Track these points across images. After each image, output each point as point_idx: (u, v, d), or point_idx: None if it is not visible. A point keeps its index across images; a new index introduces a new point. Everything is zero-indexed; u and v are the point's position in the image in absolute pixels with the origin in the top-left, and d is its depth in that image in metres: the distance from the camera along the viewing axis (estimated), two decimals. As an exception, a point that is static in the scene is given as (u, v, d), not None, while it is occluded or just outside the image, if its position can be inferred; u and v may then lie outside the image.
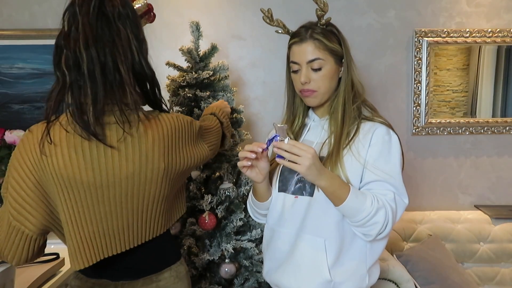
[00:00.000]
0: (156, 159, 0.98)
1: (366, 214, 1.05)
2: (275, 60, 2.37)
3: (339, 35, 1.19)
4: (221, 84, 1.79)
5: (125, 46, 0.92)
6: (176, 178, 1.07)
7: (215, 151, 1.32)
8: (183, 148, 1.06)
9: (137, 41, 0.96)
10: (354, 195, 1.05)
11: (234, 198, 1.75)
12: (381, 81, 2.38)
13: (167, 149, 0.99)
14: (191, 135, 1.10)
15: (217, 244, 1.73)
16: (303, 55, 1.16)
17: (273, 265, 1.25)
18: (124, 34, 0.93)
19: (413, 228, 2.30)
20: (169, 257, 1.16)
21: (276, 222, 1.24)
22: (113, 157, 0.94)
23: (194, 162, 1.12)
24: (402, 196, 1.12)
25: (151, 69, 1.01)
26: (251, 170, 1.15)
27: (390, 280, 1.83)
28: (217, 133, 1.34)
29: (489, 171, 2.48)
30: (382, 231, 1.08)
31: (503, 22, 2.39)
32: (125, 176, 0.96)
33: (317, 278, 1.14)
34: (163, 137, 0.99)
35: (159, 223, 1.08)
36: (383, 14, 2.36)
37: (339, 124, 1.16)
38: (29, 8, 2.21)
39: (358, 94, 1.20)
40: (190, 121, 1.11)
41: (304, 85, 1.18)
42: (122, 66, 0.91)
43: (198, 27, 1.75)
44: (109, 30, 0.91)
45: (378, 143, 1.13)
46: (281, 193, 1.23)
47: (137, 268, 1.10)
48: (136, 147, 0.95)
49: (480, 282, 2.24)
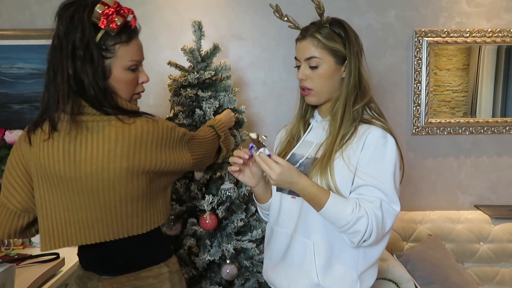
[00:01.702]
0: (118, 158, 1.01)
1: (346, 222, 1.03)
2: (275, 60, 2.37)
3: (346, 35, 1.16)
4: (223, 84, 1.78)
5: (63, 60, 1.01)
6: (148, 180, 1.08)
7: (203, 162, 1.31)
8: (155, 151, 1.07)
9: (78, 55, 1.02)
10: (333, 202, 1.04)
11: (235, 198, 1.75)
12: (381, 81, 2.38)
13: (132, 150, 1.02)
14: (169, 141, 1.10)
15: (217, 244, 1.73)
16: (302, 52, 1.17)
17: (270, 264, 1.26)
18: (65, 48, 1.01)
19: (413, 228, 2.31)
20: (150, 258, 1.17)
21: (274, 222, 1.26)
22: (81, 153, 1.02)
23: (169, 167, 1.11)
24: (392, 204, 1.08)
25: (89, 78, 1.03)
26: (243, 175, 1.19)
27: (390, 280, 1.83)
28: (209, 145, 1.33)
29: (489, 171, 2.48)
30: (366, 239, 1.05)
31: (503, 22, 2.39)
32: (90, 172, 1.02)
33: (305, 280, 1.14)
34: (128, 138, 1.02)
35: (134, 222, 1.10)
36: (383, 14, 2.36)
37: (337, 126, 1.15)
38: (29, 8, 2.21)
39: (362, 97, 1.17)
40: (171, 127, 1.11)
41: (301, 82, 1.19)
42: (59, 76, 1.01)
43: (200, 27, 1.75)
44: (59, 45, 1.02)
45: (370, 146, 1.10)
46: (279, 192, 1.24)
47: (117, 265, 1.15)
48: (100, 146, 1.01)
49: (480, 282, 2.25)
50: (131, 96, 1.13)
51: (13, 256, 1.82)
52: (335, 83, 1.18)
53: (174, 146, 1.12)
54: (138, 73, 1.12)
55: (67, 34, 0.99)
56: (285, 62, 2.37)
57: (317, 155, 1.17)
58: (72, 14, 1.00)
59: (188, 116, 1.74)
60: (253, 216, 1.82)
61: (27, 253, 1.83)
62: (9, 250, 1.89)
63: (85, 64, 1.00)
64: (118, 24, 1.02)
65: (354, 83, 1.16)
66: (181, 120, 1.72)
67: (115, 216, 1.07)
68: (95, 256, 1.16)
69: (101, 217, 1.06)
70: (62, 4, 1.02)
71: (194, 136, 1.24)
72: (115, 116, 1.02)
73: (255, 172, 1.20)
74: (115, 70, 1.05)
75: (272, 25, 2.33)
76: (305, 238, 1.15)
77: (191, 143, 1.20)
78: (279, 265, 1.22)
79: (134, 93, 1.13)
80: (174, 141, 1.12)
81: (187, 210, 1.76)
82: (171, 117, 1.78)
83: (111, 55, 1.04)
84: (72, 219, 1.06)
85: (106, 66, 1.04)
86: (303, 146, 1.23)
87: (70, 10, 1.00)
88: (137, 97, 1.16)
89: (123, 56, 1.06)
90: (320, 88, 1.17)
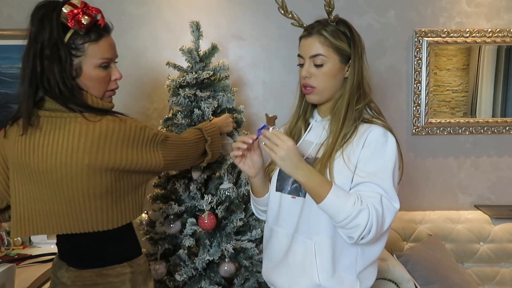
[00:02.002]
0: (80, 154, 1.05)
1: (347, 215, 1.01)
2: (275, 60, 2.37)
3: (351, 35, 1.16)
4: (221, 84, 1.78)
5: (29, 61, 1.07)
6: (114, 177, 1.10)
7: (179, 164, 1.32)
8: (120, 149, 1.08)
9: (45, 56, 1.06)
10: (335, 194, 1.04)
11: (234, 198, 1.75)
12: (381, 81, 2.38)
13: (94, 147, 1.05)
14: (136, 140, 1.11)
15: (217, 244, 1.73)
16: (307, 49, 1.16)
17: (270, 264, 1.26)
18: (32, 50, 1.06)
19: (413, 228, 2.30)
20: (114, 257, 1.19)
21: (274, 222, 1.25)
22: (48, 147, 1.07)
23: (137, 166, 1.12)
24: (392, 200, 1.06)
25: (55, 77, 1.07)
26: (244, 163, 1.19)
27: (390, 280, 1.83)
28: (188, 147, 1.33)
29: (489, 171, 2.48)
30: (365, 235, 1.03)
31: (503, 22, 2.39)
32: (54, 166, 1.06)
33: (307, 281, 1.14)
34: (92, 135, 1.05)
35: (99, 218, 1.12)
36: (383, 14, 2.36)
37: (339, 125, 1.14)
38: (29, 8, 2.20)
39: (364, 97, 1.17)
40: (140, 127, 1.12)
41: (305, 80, 1.17)
42: (27, 75, 1.07)
43: (198, 27, 1.75)
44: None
45: (371, 144, 1.09)
46: (278, 192, 1.23)
47: (82, 259, 1.18)
48: (64, 142, 1.06)
49: (480, 282, 2.24)
50: (104, 93, 1.16)
51: (13, 256, 1.82)
52: (338, 83, 1.18)
53: (142, 146, 1.13)
54: (110, 70, 1.16)
55: (37, 34, 1.05)
56: (285, 62, 2.37)
57: (317, 155, 1.16)
58: (42, 16, 1.05)
59: (186, 116, 1.74)
60: (253, 215, 1.82)
61: (27, 253, 1.84)
62: (9, 250, 1.89)
63: (52, 63, 1.05)
64: (85, 23, 1.06)
65: (358, 83, 1.16)
66: (180, 120, 1.72)
67: (79, 210, 1.10)
68: (65, 247, 1.22)
69: (67, 210, 1.10)
70: (35, 6, 1.08)
71: (169, 137, 1.24)
72: (81, 114, 1.07)
73: (256, 161, 1.20)
74: (85, 68, 1.10)
75: (272, 25, 2.33)
76: (306, 239, 1.15)
77: (164, 144, 1.20)
78: (280, 266, 1.21)
79: (106, 90, 1.17)
80: (143, 141, 1.13)
81: (186, 210, 1.76)
82: (170, 117, 1.78)
83: (81, 53, 1.08)
84: (40, 209, 1.12)
85: (77, 65, 1.09)
86: (304, 146, 1.23)
87: (40, 11, 1.06)
88: (110, 93, 1.19)
89: (93, 54, 1.10)
90: (324, 86, 1.16)
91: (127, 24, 2.27)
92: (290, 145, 1.04)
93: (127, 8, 2.28)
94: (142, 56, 2.30)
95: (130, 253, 1.23)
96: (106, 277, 1.16)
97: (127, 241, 1.24)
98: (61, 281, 1.19)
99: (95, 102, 1.12)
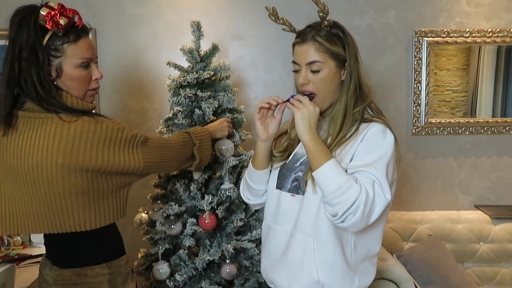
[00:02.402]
0: (55, 154, 1.06)
1: (338, 186, 1.01)
2: (275, 60, 2.37)
3: (345, 38, 1.16)
4: (222, 84, 1.78)
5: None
6: (89, 178, 1.10)
7: (162, 167, 1.31)
8: (95, 150, 1.09)
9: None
10: (334, 165, 1.05)
11: (234, 198, 1.75)
12: (381, 81, 2.38)
13: (69, 147, 1.06)
14: (112, 141, 1.11)
15: (217, 244, 1.73)
16: (303, 57, 1.16)
17: (269, 262, 1.26)
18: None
19: (413, 228, 2.30)
20: (93, 257, 1.19)
21: (272, 219, 1.25)
22: (26, 146, 1.09)
23: (113, 168, 1.12)
24: (384, 191, 1.04)
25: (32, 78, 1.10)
26: (261, 122, 1.21)
27: (390, 280, 1.83)
28: (172, 150, 1.31)
29: (489, 171, 2.48)
30: (350, 214, 1.00)
31: (503, 22, 2.39)
32: (31, 165, 1.08)
33: (306, 278, 1.15)
34: (66, 136, 1.06)
35: (76, 219, 1.13)
36: (383, 14, 2.36)
37: (337, 127, 1.15)
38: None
39: (363, 98, 1.17)
40: (117, 128, 1.12)
41: (303, 87, 1.18)
42: (6, 76, 1.10)
43: (199, 27, 1.75)
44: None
45: (369, 139, 1.11)
46: (278, 190, 1.24)
47: (62, 258, 1.20)
48: (40, 142, 1.08)
49: (480, 282, 2.25)
50: (85, 92, 1.19)
51: (13, 256, 1.82)
52: (336, 87, 1.18)
53: (119, 147, 1.13)
54: (91, 70, 1.18)
55: (15, 38, 1.08)
56: (285, 62, 2.36)
57: None
58: (20, 19, 1.09)
59: (187, 116, 1.74)
60: (253, 216, 1.82)
61: (27, 253, 1.84)
62: (9, 250, 1.89)
63: (29, 65, 1.07)
64: (63, 24, 1.09)
65: (355, 85, 1.16)
66: (180, 120, 1.72)
67: (56, 210, 1.12)
68: (49, 246, 1.25)
69: (44, 210, 1.12)
70: (14, 11, 1.11)
71: (150, 139, 1.23)
72: (56, 114, 1.08)
73: (272, 126, 1.22)
74: (65, 68, 1.12)
75: (272, 25, 2.31)
76: (305, 236, 1.15)
77: (145, 146, 1.19)
78: (279, 263, 1.22)
79: (88, 90, 1.19)
80: (120, 141, 1.13)
81: (186, 210, 1.76)
82: (170, 117, 1.78)
83: (60, 54, 1.11)
84: (21, 209, 1.14)
85: (57, 65, 1.11)
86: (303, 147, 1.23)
87: (18, 16, 1.09)
88: (92, 93, 1.22)
89: (73, 55, 1.12)
90: (324, 92, 1.16)
91: (127, 24, 2.27)
92: (315, 110, 1.09)
93: (127, 8, 2.28)
94: (142, 56, 2.30)
95: (111, 254, 1.23)
96: (84, 277, 1.17)
97: (109, 242, 1.24)
98: (44, 279, 1.21)
99: (74, 102, 1.13)
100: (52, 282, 1.19)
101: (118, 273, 1.23)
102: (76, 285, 1.17)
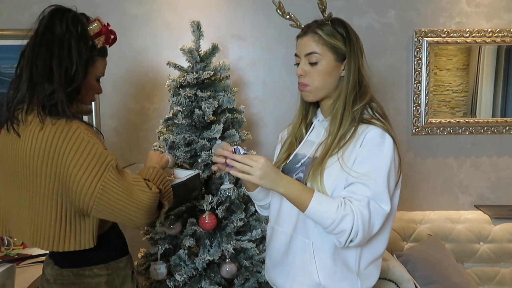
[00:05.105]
0: (32, 157, 1.07)
1: (331, 221, 1.03)
2: (275, 60, 2.37)
3: (347, 35, 1.16)
4: (222, 84, 1.79)
5: None
6: (61, 190, 1.06)
7: (116, 215, 1.08)
8: (66, 160, 1.04)
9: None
10: (317, 201, 1.04)
11: (234, 198, 1.75)
12: (381, 81, 2.38)
13: (43, 152, 1.06)
14: (80, 151, 1.05)
15: (217, 244, 1.73)
16: (303, 48, 1.17)
17: (271, 263, 1.27)
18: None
19: (413, 228, 2.30)
20: (91, 258, 1.19)
21: (274, 221, 1.26)
22: (18, 148, 1.10)
23: (70, 181, 1.04)
24: (381, 203, 1.05)
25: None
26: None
27: (390, 280, 1.83)
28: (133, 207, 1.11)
29: (489, 171, 2.48)
30: (353, 239, 1.04)
31: (503, 22, 2.39)
32: (18, 167, 1.10)
33: (307, 280, 1.15)
34: (45, 141, 1.06)
35: (51, 234, 1.10)
36: (383, 14, 2.36)
37: (336, 126, 1.14)
38: (29, 8, 2.21)
39: (362, 96, 1.16)
40: (88, 140, 1.06)
41: (300, 78, 1.18)
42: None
43: (199, 27, 1.75)
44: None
45: (367, 145, 1.09)
46: None
47: (62, 258, 1.20)
48: (27, 145, 1.08)
49: (480, 282, 2.25)
50: (90, 102, 1.26)
51: (13, 256, 1.82)
52: (333, 81, 1.17)
53: (84, 162, 1.04)
54: (99, 84, 1.27)
55: (64, 38, 1.13)
56: (285, 62, 2.36)
57: (316, 154, 1.17)
58: (82, 29, 1.15)
59: (187, 116, 1.74)
60: (253, 216, 1.83)
61: (27, 253, 1.84)
62: (9, 250, 1.89)
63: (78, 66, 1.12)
64: (107, 40, 1.19)
65: (354, 82, 1.15)
66: (180, 120, 1.72)
67: (39, 219, 1.11)
68: None
69: (30, 216, 1.12)
70: (56, 7, 1.20)
71: (124, 173, 1.11)
72: (39, 117, 1.08)
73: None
74: (88, 77, 1.18)
75: (272, 25, 2.33)
76: (305, 238, 1.15)
77: (113, 176, 1.06)
78: (280, 265, 1.22)
79: (91, 100, 1.27)
80: (88, 154, 1.05)
81: (186, 210, 1.76)
82: (170, 117, 1.78)
83: (91, 64, 1.18)
84: (15, 212, 1.16)
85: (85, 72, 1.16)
86: (306, 146, 1.23)
87: (82, 22, 1.15)
88: (91, 100, 1.29)
89: (98, 67, 1.21)
90: (317, 84, 1.16)
91: (127, 24, 2.27)
92: (263, 162, 1.04)
93: (127, 8, 2.28)
94: (142, 56, 2.30)
95: (110, 256, 1.23)
96: (82, 278, 1.18)
97: (109, 243, 1.23)
98: (46, 277, 1.24)
99: (74, 107, 1.16)
100: (52, 281, 1.20)
101: (117, 274, 1.23)
102: (74, 285, 1.18)
